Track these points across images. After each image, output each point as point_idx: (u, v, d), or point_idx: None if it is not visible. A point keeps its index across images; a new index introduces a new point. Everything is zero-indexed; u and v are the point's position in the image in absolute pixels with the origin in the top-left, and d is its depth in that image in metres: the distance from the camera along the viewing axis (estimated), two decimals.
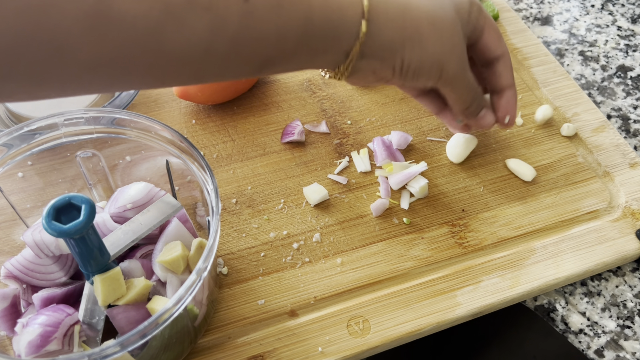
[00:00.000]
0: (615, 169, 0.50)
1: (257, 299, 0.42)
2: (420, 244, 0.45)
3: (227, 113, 0.52)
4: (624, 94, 0.57)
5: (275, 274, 0.43)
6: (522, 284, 0.43)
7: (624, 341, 0.42)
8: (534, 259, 0.44)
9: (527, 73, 0.57)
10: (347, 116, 0.53)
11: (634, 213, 0.47)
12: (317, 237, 0.45)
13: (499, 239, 0.45)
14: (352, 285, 0.43)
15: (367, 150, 0.50)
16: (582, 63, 0.60)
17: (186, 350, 0.38)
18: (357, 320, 0.41)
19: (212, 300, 0.39)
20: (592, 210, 0.47)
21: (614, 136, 0.52)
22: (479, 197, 0.48)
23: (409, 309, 0.41)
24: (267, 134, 0.51)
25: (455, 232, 0.46)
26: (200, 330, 0.39)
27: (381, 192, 0.47)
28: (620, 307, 0.44)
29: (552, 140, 0.52)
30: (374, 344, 0.40)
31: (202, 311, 0.37)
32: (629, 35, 0.63)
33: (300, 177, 0.48)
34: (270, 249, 0.44)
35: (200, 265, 0.32)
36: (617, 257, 0.45)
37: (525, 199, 0.48)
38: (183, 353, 0.38)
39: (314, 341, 0.40)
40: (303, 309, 0.41)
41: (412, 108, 0.54)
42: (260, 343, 0.40)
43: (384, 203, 0.46)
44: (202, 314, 0.37)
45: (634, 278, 0.45)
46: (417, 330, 0.41)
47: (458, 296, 0.42)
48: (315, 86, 0.55)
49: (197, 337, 0.39)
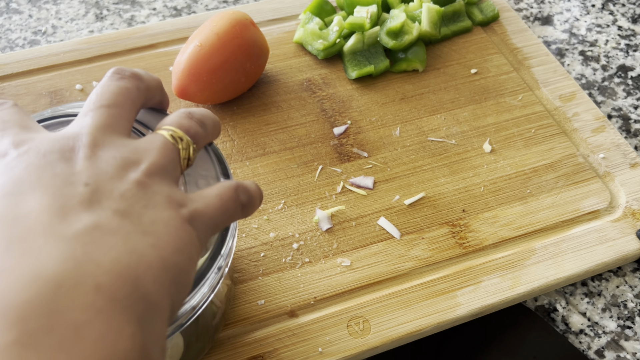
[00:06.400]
0: (615, 169, 0.50)
1: (257, 299, 0.42)
2: (421, 244, 0.45)
3: (226, 113, 0.52)
4: (625, 94, 0.57)
5: (275, 274, 0.43)
6: (523, 284, 0.43)
7: (625, 341, 0.42)
8: (535, 259, 0.44)
9: (528, 73, 0.57)
10: (347, 116, 0.53)
11: (634, 213, 0.47)
12: (317, 238, 0.45)
13: (500, 239, 0.45)
14: (352, 285, 0.42)
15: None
16: (582, 63, 0.60)
17: (208, 346, 0.38)
18: (358, 321, 0.41)
19: (229, 298, 0.39)
20: (592, 210, 0.47)
21: (615, 136, 0.52)
22: (479, 197, 0.48)
23: (409, 310, 0.41)
24: (267, 134, 0.51)
25: (456, 232, 0.46)
26: (218, 328, 0.39)
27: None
28: (621, 307, 0.44)
29: (552, 140, 0.52)
30: (374, 344, 0.40)
31: (220, 309, 0.37)
32: (629, 35, 0.63)
33: (300, 177, 0.48)
34: (270, 249, 0.44)
35: (222, 263, 0.31)
36: (617, 257, 0.44)
37: (525, 199, 0.48)
38: (204, 349, 0.38)
39: (314, 341, 0.40)
40: (303, 310, 0.41)
41: (412, 108, 0.54)
42: (260, 343, 0.40)
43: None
44: (220, 311, 0.37)
45: (635, 278, 0.45)
46: (418, 331, 0.40)
47: (458, 296, 0.42)
48: (315, 86, 0.55)
49: (215, 335, 0.39)
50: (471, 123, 0.53)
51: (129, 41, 0.57)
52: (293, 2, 0.62)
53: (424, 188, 0.48)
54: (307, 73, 0.56)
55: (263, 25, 0.60)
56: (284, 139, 0.51)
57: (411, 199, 0.47)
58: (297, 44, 0.58)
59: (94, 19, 0.62)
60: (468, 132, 0.52)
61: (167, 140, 0.27)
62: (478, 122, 0.53)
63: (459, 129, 0.52)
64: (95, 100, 0.27)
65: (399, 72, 0.56)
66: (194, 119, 0.29)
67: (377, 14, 0.56)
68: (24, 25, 0.61)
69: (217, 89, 0.50)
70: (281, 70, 0.56)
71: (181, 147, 0.27)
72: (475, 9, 0.61)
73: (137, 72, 0.29)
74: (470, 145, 0.51)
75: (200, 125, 0.29)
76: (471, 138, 0.52)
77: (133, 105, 0.28)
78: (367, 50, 0.56)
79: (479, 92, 0.55)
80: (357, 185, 0.48)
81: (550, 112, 0.54)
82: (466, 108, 0.54)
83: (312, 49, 0.56)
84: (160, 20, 0.62)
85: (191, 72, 0.48)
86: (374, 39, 0.55)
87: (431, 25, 0.56)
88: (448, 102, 0.54)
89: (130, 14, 0.63)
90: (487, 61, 0.58)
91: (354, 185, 0.48)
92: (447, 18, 0.60)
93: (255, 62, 0.51)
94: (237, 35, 0.49)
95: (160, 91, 0.31)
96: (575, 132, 0.52)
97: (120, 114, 0.27)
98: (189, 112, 0.29)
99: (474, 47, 0.59)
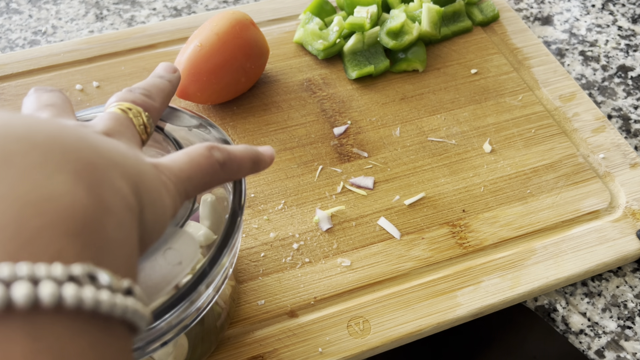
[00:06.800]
0: (615, 169, 0.50)
1: (257, 300, 0.42)
2: (421, 244, 0.45)
3: (226, 113, 0.52)
4: (625, 94, 0.57)
5: (275, 274, 0.43)
6: (523, 284, 0.43)
7: (625, 342, 0.42)
8: (535, 260, 0.44)
9: (528, 73, 0.57)
10: (347, 116, 0.53)
11: (634, 213, 0.47)
12: (317, 238, 0.45)
13: (500, 239, 0.45)
14: (352, 285, 0.42)
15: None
16: (582, 63, 0.60)
17: (213, 347, 0.38)
18: (358, 321, 0.41)
19: (234, 298, 0.39)
20: (592, 210, 0.47)
21: (615, 136, 0.52)
22: (479, 197, 0.48)
23: (409, 310, 0.41)
24: (267, 134, 0.51)
25: (456, 233, 0.46)
26: (222, 329, 0.39)
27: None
28: (621, 307, 0.44)
29: (552, 140, 0.52)
30: (374, 344, 0.40)
31: (225, 309, 0.37)
32: (629, 35, 0.63)
33: (300, 177, 0.48)
34: (270, 249, 0.44)
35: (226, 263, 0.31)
36: (617, 257, 0.44)
37: (525, 199, 0.48)
38: (209, 350, 0.38)
39: (314, 342, 0.40)
40: (303, 310, 0.41)
41: (412, 108, 0.54)
42: (260, 343, 0.40)
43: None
44: (225, 312, 0.37)
45: (635, 278, 0.45)
46: (418, 331, 0.40)
47: (458, 297, 0.42)
48: (315, 86, 0.55)
49: (219, 336, 0.39)
50: (471, 123, 0.53)
51: (129, 41, 0.57)
52: (293, 2, 0.62)
53: (424, 188, 0.48)
54: (307, 73, 0.56)
55: (263, 25, 0.60)
56: (284, 139, 0.51)
57: (411, 199, 0.47)
58: (297, 44, 0.58)
59: (94, 19, 0.62)
60: (468, 132, 0.52)
61: (116, 113, 0.27)
62: (478, 122, 0.53)
63: (459, 129, 0.52)
64: (34, 105, 0.27)
65: (399, 72, 0.56)
66: (135, 91, 0.29)
67: (377, 14, 0.56)
68: (24, 25, 0.61)
69: (217, 89, 0.50)
70: (281, 70, 0.56)
71: (132, 116, 0.27)
72: (475, 9, 0.61)
73: (53, 87, 0.30)
74: (470, 146, 0.51)
75: (144, 94, 0.29)
76: (471, 138, 0.52)
77: (70, 105, 0.28)
78: (367, 50, 0.56)
79: (479, 92, 0.55)
80: (357, 186, 0.48)
81: (550, 112, 0.54)
82: (466, 108, 0.54)
83: (312, 49, 0.56)
84: (160, 21, 0.62)
85: (191, 72, 0.48)
86: (374, 39, 0.55)
87: (431, 25, 0.56)
88: (448, 102, 0.54)
89: (130, 14, 0.63)
90: (487, 61, 0.58)
91: (354, 186, 0.48)
92: (447, 18, 0.60)
93: (255, 62, 0.51)
94: (237, 35, 0.49)
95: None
96: (575, 132, 0.52)
97: (63, 109, 0.27)
98: (129, 88, 0.29)
99: (474, 47, 0.59)
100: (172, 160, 0.25)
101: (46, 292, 0.15)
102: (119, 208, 0.18)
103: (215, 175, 0.26)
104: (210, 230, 0.33)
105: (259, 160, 0.29)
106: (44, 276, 0.15)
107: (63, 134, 0.19)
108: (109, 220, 0.18)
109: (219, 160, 0.26)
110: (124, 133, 0.26)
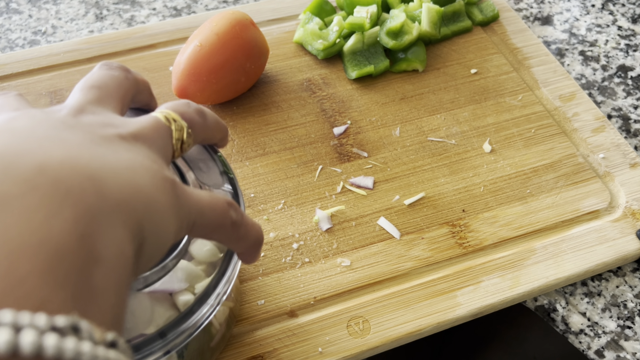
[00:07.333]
0: (615, 169, 0.50)
1: (257, 299, 0.42)
2: (421, 244, 0.45)
3: (226, 113, 0.52)
4: (625, 94, 0.57)
5: (275, 274, 0.43)
6: (523, 284, 0.43)
7: (625, 341, 0.42)
8: (535, 259, 0.44)
9: (528, 73, 0.57)
10: (347, 116, 0.53)
11: (634, 213, 0.47)
12: (317, 238, 0.45)
13: (500, 239, 0.45)
14: (352, 285, 0.42)
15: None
16: (582, 63, 0.60)
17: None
18: (357, 321, 0.41)
19: (230, 320, 0.38)
20: (592, 210, 0.47)
21: (615, 136, 0.52)
22: (479, 197, 0.48)
23: (409, 310, 0.41)
24: (267, 134, 0.51)
25: (456, 232, 0.46)
26: (216, 350, 0.38)
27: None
28: (621, 307, 0.44)
29: (552, 140, 0.52)
30: (374, 344, 0.40)
31: (220, 331, 0.36)
32: (629, 35, 0.63)
33: (300, 177, 0.48)
34: (270, 249, 0.44)
35: (220, 290, 0.30)
36: (617, 257, 0.44)
37: (525, 199, 0.48)
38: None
39: (313, 341, 0.40)
40: (303, 310, 0.41)
41: (412, 108, 0.54)
42: (260, 343, 0.40)
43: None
44: (219, 334, 0.36)
45: (635, 278, 0.45)
46: (418, 331, 0.40)
47: (458, 296, 0.42)
48: (315, 86, 0.55)
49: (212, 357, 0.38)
50: (471, 123, 0.53)
51: (129, 41, 0.57)
52: (293, 2, 0.62)
53: (423, 188, 0.48)
54: (307, 73, 0.56)
55: (263, 25, 0.60)
56: (284, 139, 0.51)
57: (411, 199, 0.47)
58: (297, 44, 0.58)
59: (94, 19, 0.62)
60: (468, 132, 0.52)
61: (159, 119, 0.26)
62: (478, 122, 0.53)
63: (459, 129, 0.52)
64: (84, 82, 0.27)
65: (399, 72, 0.56)
66: (192, 107, 0.28)
67: (377, 14, 0.56)
68: (24, 25, 0.61)
69: (217, 89, 0.50)
70: (281, 70, 0.56)
71: (174, 128, 0.26)
72: (475, 9, 0.61)
73: (124, 66, 0.29)
74: (470, 145, 0.51)
75: (198, 113, 0.28)
76: (471, 138, 0.52)
77: (122, 90, 0.27)
78: (367, 50, 0.56)
79: (479, 92, 0.55)
80: (357, 185, 0.48)
81: (550, 112, 0.54)
82: (466, 108, 0.54)
83: (312, 49, 0.56)
84: (160, 20, 0.62)
85: (191, 72, 0.48)
86: (374, 39, 0.55)
87: (431, 25, 0.56)
88: (448, 102, 0.54)
89: (130, 14, 0.63)
90: (487, 61, 0.58)
91: (354, 185, 0.48)
92: (447, 18, 0.60)
93: (255, 62, 0.51)
94: (237, 35, 0.49)
95: (148, 91, 0.31)
96: (575, 132, 0.52)
97: (110, 94, 0.26)
98: (188, 101, 0.28)
99: (474, 47, 0.59)
100: (193, 189, 0.25)
101: (27, 341, 0.15)
102: (110, 257, 0.19)
103: (222, 228, 0.26)
104: (216, 247, 0.33)
105: (260, 243, 0.29)
106: (26, 324, 0.15)
107: (73, 164, 0.19)
108: (98, 271, 0.18)
109: (232, 218, 0.26)
110: (155, 141, 0.25)
